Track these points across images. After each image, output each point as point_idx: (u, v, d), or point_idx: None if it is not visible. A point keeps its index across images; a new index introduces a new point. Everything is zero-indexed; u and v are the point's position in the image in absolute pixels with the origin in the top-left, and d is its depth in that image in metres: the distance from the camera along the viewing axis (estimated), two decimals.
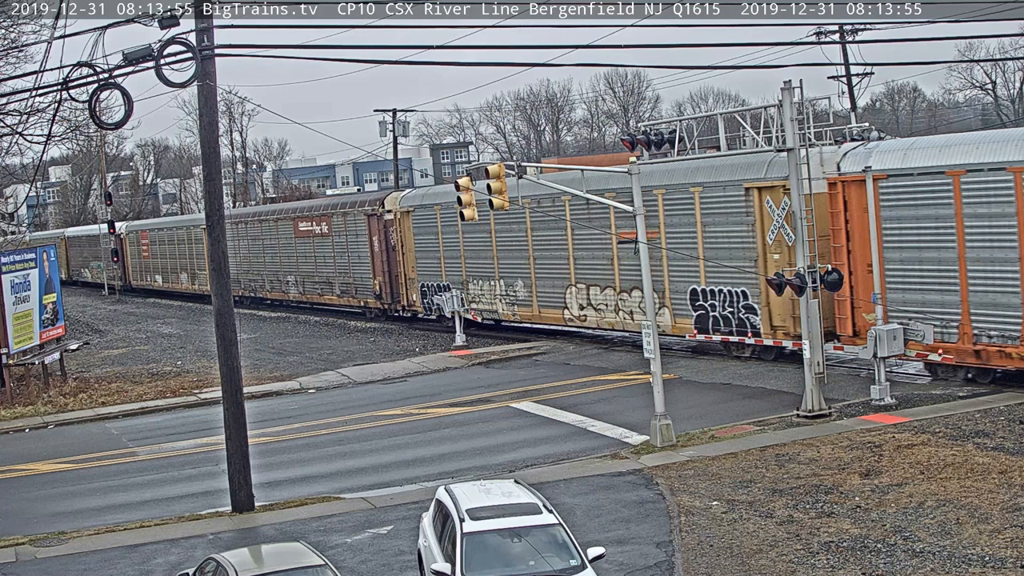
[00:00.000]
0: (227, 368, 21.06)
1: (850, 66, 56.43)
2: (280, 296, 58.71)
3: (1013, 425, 21.57)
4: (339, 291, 51.89)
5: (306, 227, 54.57)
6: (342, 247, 51.03)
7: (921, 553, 15.50)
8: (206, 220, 21.43)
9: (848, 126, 31.38)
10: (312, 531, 19.02)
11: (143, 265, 77.06)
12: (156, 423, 30.87)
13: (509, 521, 14.18)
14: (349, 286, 50.80)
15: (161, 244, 72.87)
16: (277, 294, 58.80)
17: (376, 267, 48.31)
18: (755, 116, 25.77)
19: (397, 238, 46.60)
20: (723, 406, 26.53)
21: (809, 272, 23.63)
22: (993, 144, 24.78)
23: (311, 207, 56.73)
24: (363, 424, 28.24)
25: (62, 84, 19.71)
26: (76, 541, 19.60)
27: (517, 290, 39.78)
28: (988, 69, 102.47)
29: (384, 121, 70.12)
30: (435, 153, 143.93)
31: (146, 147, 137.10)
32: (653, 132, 26.68)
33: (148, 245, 75.93)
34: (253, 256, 60.49)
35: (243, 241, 61.00)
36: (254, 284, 60.62)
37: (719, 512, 18.16)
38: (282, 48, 21.60)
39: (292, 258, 56.24)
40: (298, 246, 55.36)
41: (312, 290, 54.75)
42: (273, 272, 58.53)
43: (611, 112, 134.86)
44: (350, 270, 50.66)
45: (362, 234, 49.16)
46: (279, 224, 57.62)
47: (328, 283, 52.85)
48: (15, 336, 34.50)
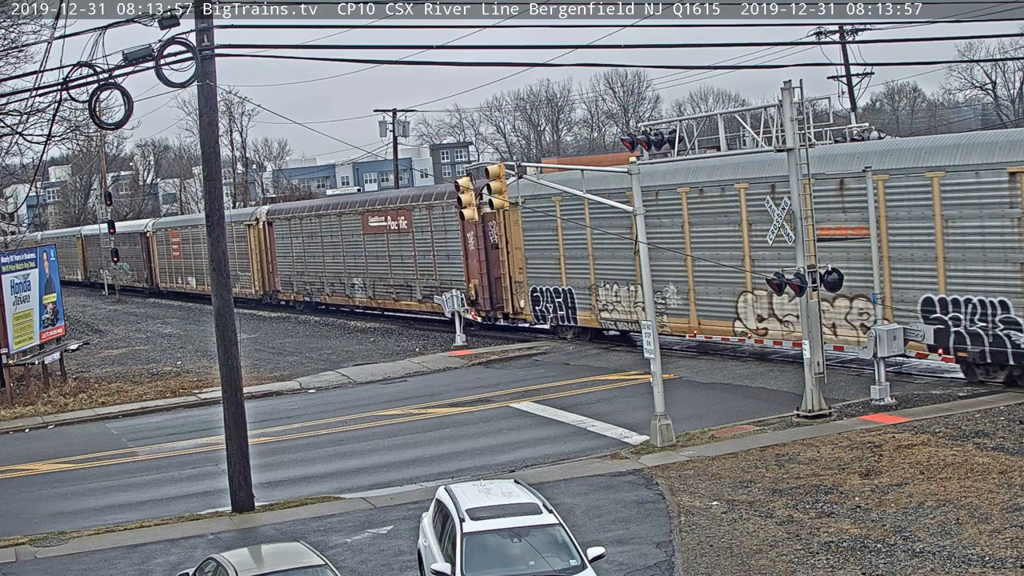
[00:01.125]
0: (227, 368, 21.07)
1: (850, 66, 56.51)
2: (343, 301, 52.40)
3: (1013, 425, 21.57)
4: (420, 296, 45.62)
5: (378, 222, 48.10)
6: (425, 245, 44.98)
7: (921, 553, 15.50)
8: (206, 220, 21.44)
9: (848, 126, 31.41)
10: (312, 531, 19.02)
11: (173, 266, 70.59)
12: (156, 423, 30.87)
13: (509, 521, 14.18)
14: (435, 291, 43.96)
15: (196, 243, 64.52)
16: (340, 299, 52.41)
17: (471, 268, 41.94)
18: (755, 116, 25.76)
19: (500, 234, 40.34)
20: (723, 406, 26.52)
21: (809, 272, 23.63)
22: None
23: (386, 199, 49.85)
24: (363, 424, 28.23)
25: (62, 84, 19.72)
26: (76, 541, 19.60)
27: (668, 296, 33.22)
28: (988, 69, 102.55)
29: (384, 121, 70.19)
30: (435, 153, 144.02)
31: (146, 147, 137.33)
32: (653, 132, 26.67)
33: (179, 244, 69.04)
34: (309, 256, 54.16)
35: (297, 239, 55.05)
36: (310, 288, 54.64)
37: (719, 512, 18.16)
38: (282, 48, 21.62)
39: (360, 258, 49.79)
40: (368, 244, 49.08)
41: (385, 295, 48.38)
42: (335, 274, 52.11)
43: (611, 112, 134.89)
44: (436, 272, 44.38)
45: (453, 230, 42.72)
46: (343, 219, 51.07)
47: (406, 287, 46.62)
48: (15, 336, 34.50)
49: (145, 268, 75.11)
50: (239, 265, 59.80)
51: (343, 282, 51.36)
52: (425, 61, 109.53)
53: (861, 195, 26.84)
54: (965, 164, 25.11)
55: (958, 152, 25.40)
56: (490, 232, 41.15)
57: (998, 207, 24.57)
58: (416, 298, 46.02)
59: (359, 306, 51.47)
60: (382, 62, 22.93)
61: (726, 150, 26.43)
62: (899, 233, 26.56)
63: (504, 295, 40.74)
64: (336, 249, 51.56)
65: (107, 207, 76.26)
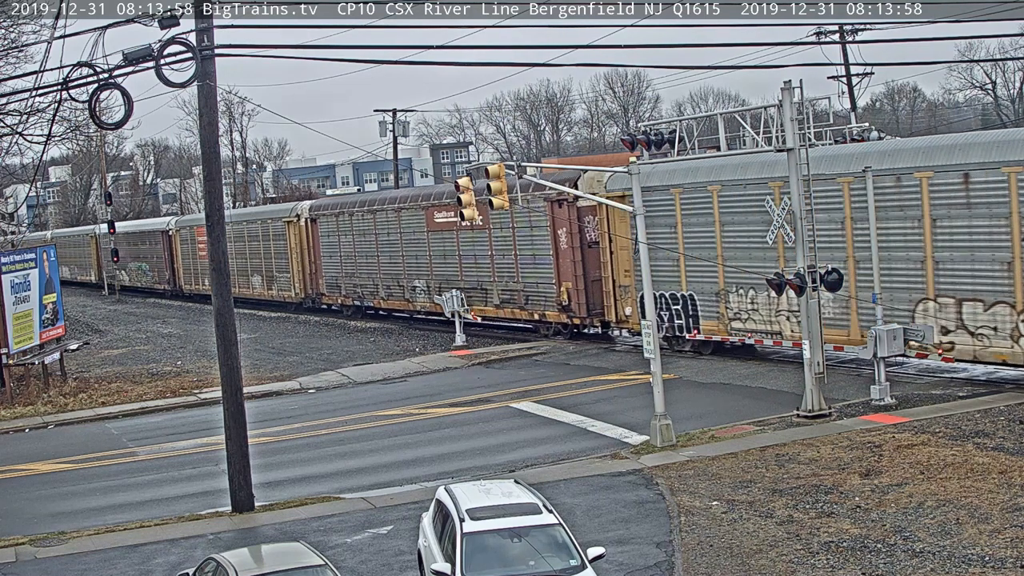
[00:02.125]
0: (227, 368, 21.07)
1: (850, 66, 56.53)
2: (401, 305, 47.17)
3: (1013, 425, 21.57)
4: (498, 301, 40.90)
5: (445, 218, 42.93)
6: (505, 244, 40.20)
7: (921, 553, 15.50)
8: (206, 220, 21.43)
9: (848, 126, 31.37)
10: (312, 531, 19.01)
11: (199, 267, 64.82)
12: (156, 423, 30.87)
13: (509, 521, 14.18)
14: (516, 294, 39.84)
15: (235, 242, 58.84)
16: (397, 303, 47.41)
17: (562, 269, 37.55)
18: (755, 116, 25.75)
19: (602, 231, 35.90)
20: (723, 406, 26.52)
21: (809, 272, 23.64)
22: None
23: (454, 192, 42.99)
24: (363, 424, 28.23)
25: (62, 84, 19.72)
26: (76, 541, 19.60)
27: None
28: (988, 69, 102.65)
29: (384, 121, 70.19)
30: (435, 153, 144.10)
31: (146, 147, 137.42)
32: (653, 132, 26.68)
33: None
34: (361, 255, 49.28)
35: (347, 236, 50.22)
36: (361, 290, 49.78)
37: (719, 512, 18.16)
38: (282, 48, 21.64)
39: (422, 258, 44.99)
40: (433, 243, 44.20)
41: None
42: (392, 276, 47.32)
43: (611, 112, 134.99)
44: (518, 274, 39.66)
45: (541, 226, 38.15)
46: (403, 215, 45.97)
47: (480, 290, 41.69)
48: (15, 336, 34.50)
49: (167, 268, 71.40)
50: (276, 266, 56.57)
51: (401, 285, 46.75)
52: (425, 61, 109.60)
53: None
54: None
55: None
56: (587, 228, 36.84)
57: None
58: (493, 303, 41.24)
59: (420, 312, 46.59)
60: (382, 62, 22.96)
61: (726, 150, 26.42)
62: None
63: (605, 301, 36.28)
64: (394, 248, 46.81)
65: (107, 207, 76.21)
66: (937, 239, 25.83)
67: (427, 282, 44.72)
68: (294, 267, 55.36)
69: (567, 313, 37.87)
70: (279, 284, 56.01)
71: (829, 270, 24.11)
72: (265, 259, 57.64)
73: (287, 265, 55.76)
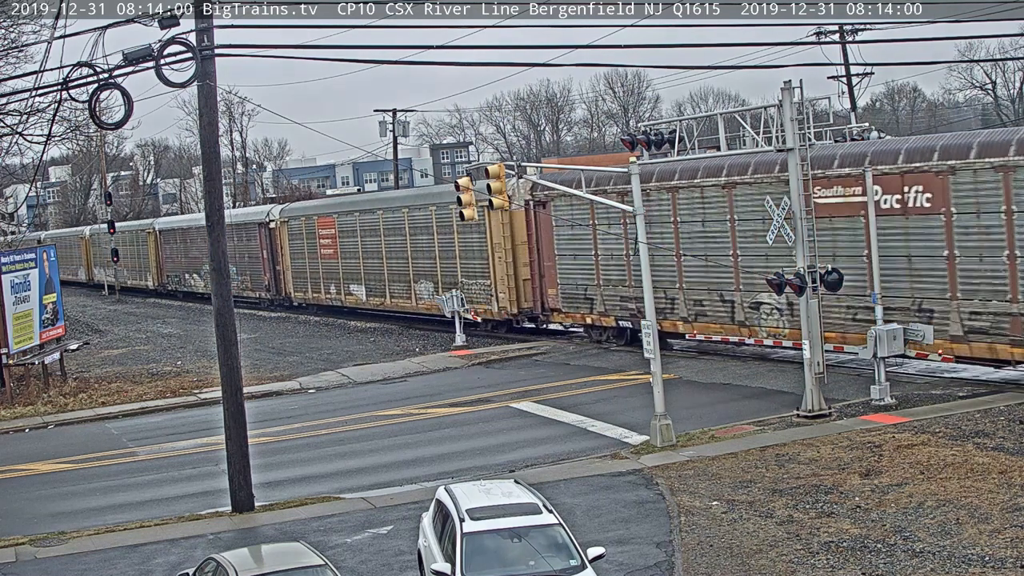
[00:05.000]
0: (227, 368, 21.07)
1: (850, 66, 56.48)
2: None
3: (1013, 425, 21.57)
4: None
5: (834, 196, 27.13)
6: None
7: (921, 553, 15.50)
8: (206, 220, 21.39)
9: (848, 126, 31.36)
10: (312, 531, 19.02)
11: (323, 270, 51.52)
12: (156, 423, 30.87)
13: (509, 521, 14.18)
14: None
15: (362, 235, 47.72)
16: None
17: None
18: (755, 116, 25.76)
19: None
20: (723, 406, 26.52)
21: (808, 272, 23.63)
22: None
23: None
24: (363, 424, 28.23)
25: (62, 84, 19.71)
26: (76, 541, 19.60)
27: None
28: (988, 69, 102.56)
29: (384, 121, 70.15)
30: (435, 153, 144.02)
31: (146, 147, 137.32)
32: (653, 132, 26.67)
33: (334, 238, 50.04)
34: (672, 247, 32.33)
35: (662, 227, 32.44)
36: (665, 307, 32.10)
37: (719, 512, 18.16)
38: (282, 48, 21.62)
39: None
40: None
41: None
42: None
43: (611, 112, 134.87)
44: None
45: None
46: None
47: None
48: (15, 336, 34.50)
49: (267, 272, 56.99)
50: (462, 269, 42.15)
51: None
52: (425, 61, 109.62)
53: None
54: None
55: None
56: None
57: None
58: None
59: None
60: (382, 62, 22.94)
61: (726, 150, 26.42)
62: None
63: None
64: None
65: (107, 207, 76.25)
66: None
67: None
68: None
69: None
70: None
71: (829, 270, 24.11)
72: (425, 259, 44.05)
73: (452, 265, 42.58)
